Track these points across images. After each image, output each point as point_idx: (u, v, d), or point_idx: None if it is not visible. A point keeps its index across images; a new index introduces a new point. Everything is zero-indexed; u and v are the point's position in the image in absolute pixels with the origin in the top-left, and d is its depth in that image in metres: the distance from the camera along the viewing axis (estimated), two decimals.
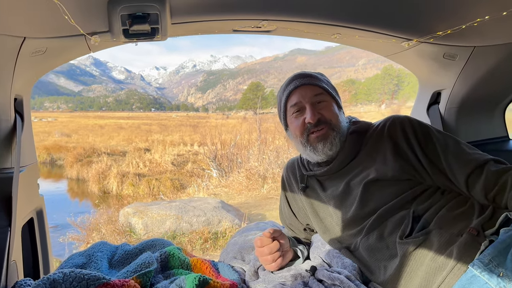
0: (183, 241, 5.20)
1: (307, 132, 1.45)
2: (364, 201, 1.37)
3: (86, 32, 1.28)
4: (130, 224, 5.47)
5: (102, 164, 16.49)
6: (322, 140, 1.43)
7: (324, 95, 1.48)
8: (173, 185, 14.10)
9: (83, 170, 17.31)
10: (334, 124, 1.44)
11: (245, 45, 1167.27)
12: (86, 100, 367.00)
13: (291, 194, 1.69)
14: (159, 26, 1.33)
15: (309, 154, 1.49)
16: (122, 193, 14.23)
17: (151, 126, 46.12)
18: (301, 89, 1.48)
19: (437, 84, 1.86)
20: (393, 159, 1.36)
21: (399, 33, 1.54)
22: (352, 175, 1.44)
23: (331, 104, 1.48)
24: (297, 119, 1.48)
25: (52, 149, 23.07)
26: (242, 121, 41.17)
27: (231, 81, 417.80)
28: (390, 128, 1.43)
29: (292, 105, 1.48)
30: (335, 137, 1.44)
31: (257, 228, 1.89)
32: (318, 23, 1.51)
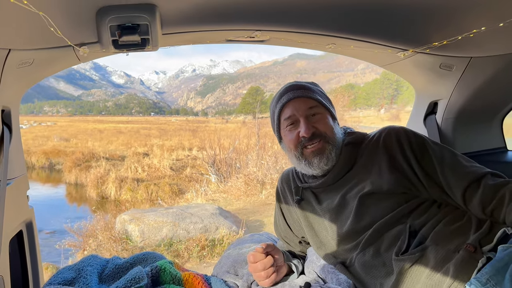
0: (180, 249, 5.15)
1: (302, 146, 1.42)
2: (359, 215, 1.34)
3: (74, 43, 1.26)
4: (127, 231, 5.42)
5: (101, 169, 16.46)
6: (318, 154, 1.40)
7: (318, 107, 1.45)
8: (172, 190, 14.07)
9: (82, 175, 17.28)
10: (329, 137, 1.42)
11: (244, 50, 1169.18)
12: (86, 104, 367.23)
13: (286, 206, 1.65)
14: (150, 37, 1.30)
15: (304, 168, 1.46)
16: (120, 198, 14.19)
17: (150, 131, 46.07)
18: (294, 101, 1.45)
19: (434, 94, 1.84)
20: (389, 172, 1.33)
21: (395, 43, 1.52)
22: (347, 188, 1.41)
23: (325, 117, 1.45)
24: (291, 132, 1.45)
25: (51, 153, 23.04)
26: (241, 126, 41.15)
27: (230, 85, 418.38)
28: (385, 139, 1.40)
29: (286, 118, 1.46)
30: (331, 151, 1.41)
31: (251, 240, 1.86)
32: (313, 34, 1.49)
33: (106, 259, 1.68)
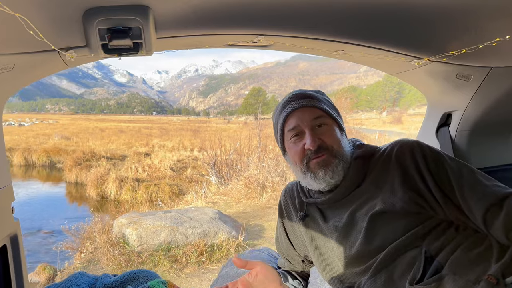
0: (178, 254, 5.04)
1: (307, 159, 1.31)
2: (370, 236, 1.22)
3: (59, 47, 1.15)
4: (124, 235, 5.31)
5: (101, 168, 16.38)
6: (323, 166, 1.28)
7: (325, 118, 1.34)
8: (172, 191, 13.98)
9: (82, 174, 17.22)
10: (336, 150, 1.30)
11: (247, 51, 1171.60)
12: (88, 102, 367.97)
13: (289, 223, 1.54)
14: (143, 41, 1.19)
15: (309, 182, 1.35)
16: (120, 198, 14.11)
17: (151, 130, 46.03)
18: (299, 111, 1.34)
19: (448, 105, 1.72)
20: (402, 189, 1.21)
21: (409, 51, 1.41)
22: (356, 205, 1.30)
23: (332, 128, 1.34)
24: (295, 145, 1.34)
25: (52, 152, 22.98)
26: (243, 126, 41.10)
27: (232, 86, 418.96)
28: (398, 153, 1.28)
29: (290, 129, 1.35)
30: (337, 165, 1.29)
31: (250, 256, 1.74)
32: (320, 39, 1.37)
33: (94, 277, 1.57)
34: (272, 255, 1.82)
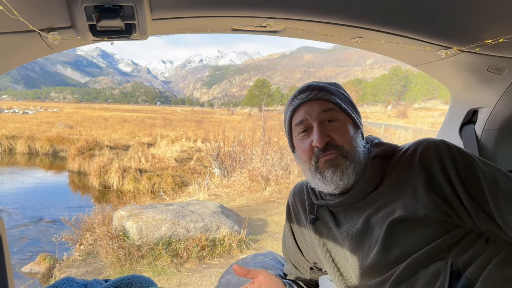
0: (179, 248, 4.93)
1: (316, 158, 1.16)
2: (388, 245, 1.07)
3: (40, 27, 1.00)
4: (124, 228, 5.20)
5: (104, 157, 16.31)
6: (331, 166, 1.14)
7: (336, 112, 1.18)
8: (175, 182, 13.89)
9: (85, 163, 17.15)
10: (346, 150, 1.15)
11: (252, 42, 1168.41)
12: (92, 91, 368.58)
13: (297, 226, 1.40)
14: (136, 22, 1.04)
15: (318, 184, 1.20)
16: (122, 188, 14.05)
17: (155, 120, 45.95)
18: (307, 104, 1.19)
19: (475, 101, 1.56)
20: (426, 194, 1.06)
21: (437, 39, 1.25)
22: (372, 210, 1.14)
23: (344, 125, 1.18)
24: (303, 142, 1.20)
25: (55, 140, 22.92)
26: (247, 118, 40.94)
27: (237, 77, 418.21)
28: (422, 154, 1.13)
29: (297, 123, 1.20)
30: (348, 166, 1.14)
31: (254, 262, 1.60)
32: (337, 24, 1.21)
33: (83, 282, 1.44)
34: (277, 260, 1.68)
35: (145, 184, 13.88)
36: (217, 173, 11.51)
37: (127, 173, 14.61)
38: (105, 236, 5.05)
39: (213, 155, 11.91)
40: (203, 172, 13.21)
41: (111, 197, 12.88)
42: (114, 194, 13.42)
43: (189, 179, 14.11)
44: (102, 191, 14.04)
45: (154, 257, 4.80)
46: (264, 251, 1.77)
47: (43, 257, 6.24)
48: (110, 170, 14.78)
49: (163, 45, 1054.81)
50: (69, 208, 11.21)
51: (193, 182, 11.43)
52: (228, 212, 5.98)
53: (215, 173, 11.65)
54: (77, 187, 15.44)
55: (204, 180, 10.65)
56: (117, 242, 4.91)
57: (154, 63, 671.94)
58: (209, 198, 8.71)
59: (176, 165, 16.33)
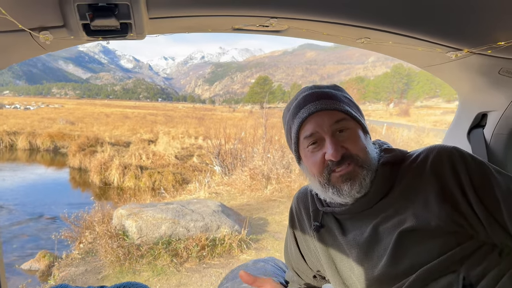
0: (179, 248, 4.89)
1: (328, 171, 1.11)
2: (397, 256, 1.02)
3: (30, 27, 0.95)
4: (124, 227, 5.16)
5: (105, 154, 16.29)
6: (348, 180, 1.08)
7: (347, 121, 1.12)
8: (175, 179, 13.87)
9: (86, 159, 17.14)
10: (362, 159, 1.09)
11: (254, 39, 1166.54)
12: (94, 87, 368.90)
13: (301, 233, 1.34)
14: (132, 21, 0.99)
15: (332, 197, 1.14)
16: (123, 185, 14.04)
17: (156, 117, 45.92)
18: (317, 116, 1.12)
19: (485, 104, 1.50)
20: (438, 204, 1.01)
21: (447, 41, 1.19)
22: (381, 218, 1.09)
23: (355, 133, 1.12)
24: (314, 155, 1.13)
25: (56, 136, 22.90)
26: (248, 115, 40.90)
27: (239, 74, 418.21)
28: (434, 162, 1.08)
29: (307, 136, 1.13)
30: (365, 176, 1.09)
31: (255, 268, 1.56)
32: (342, 24, 1.16)
33: None
34: (278, 266, 1.64)
35: (145, 181, 13.86)
36: (218, 171, 11.47)
37: (128, 170, 14.58)
38: (105, 235, 5.01)
39: (214, 153, 11.87)
40: (204, 169, 13.19)
41: (112, 194, 12.88)
42: (114, 191, 13.42)
43: (189, 176, 14.08)
44: (102, 188, 14.03)
45: (153, 257, 4.76)
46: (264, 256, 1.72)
47: (43, 254, 6.22)
48: (111, 167, 14.76)
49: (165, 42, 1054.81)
50: (70, 205, 11.20)
51: (194, 180, 11.40)
52: (228, 211, 5.94)
53: (216, 171, 11.60)
54: (78, 184, 15.44)
55: (205, 178, 10.61)
56: (116, 241, 4.88)
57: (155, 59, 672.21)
58: (209, 196, 8.68)
59: (177, 162, 16.29)
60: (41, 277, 5.67)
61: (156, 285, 4.30)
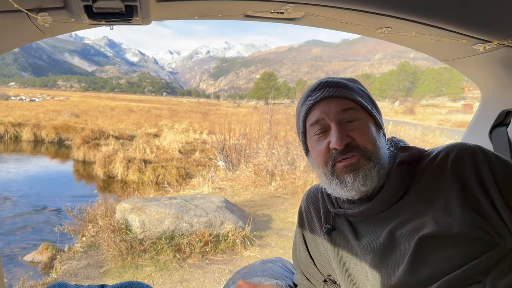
0: (182, 243, 4.83)
1: (333, 161, 1.03)
2: (416, 264, 0.94)
3: (27, 7, 0.87)
4: (127, 221, 5.11)
5: (109, 147, 16.30)
6: (352, 170, 1.01)
7: (357, 111, 1.05)
8: (179, 173, 13.84)
9: (90, 152, 17.15)
10: (370, 152, 1.02)
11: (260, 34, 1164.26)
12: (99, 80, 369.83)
13: (310, 235, 1.27)
14: (138, 4, 0.91)
15: (335, 190, 1.07)
16: (127, 178, 14.03)
17: (161, 111, 45.88)
18: (324, 102, 1.06)
19: (510, 101, 1.42)
20: (460, 208, 0.93)
21: (475, 32, 1.10)
22: (397, 222, 1.01)
23: (365, 124, 1.05)
24: (319, 143, 1.07)
25: (61, 128, 22.93)
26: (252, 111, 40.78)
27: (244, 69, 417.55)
28: (455, 161, 0.99)
29: (313, 123, 1.07)
30: (371, 169, 1.01)
31: (262, 271, 1.48)
32: (362, 11, 1.08)
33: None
34: (286, 267, 1.56)
35: (149, 175, 13.83)
36: (222, 166, 11.40)
37: (132, 164, 14.57)
38: (108, 229, 4.96)
39: (218, 148, 11.80)
40: (207, 164, 13.12)
41: (115, 187, 12.87)
42: (118, 184, 13.41)
43: (193, 171, 14.04)
44: (106, 181, 14.03)
45: (156, 252, 4.71)
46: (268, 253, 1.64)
47: (46, 246, 6.20)
48: (115, 160, 14.74)
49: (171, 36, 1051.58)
50: (73, 197, 11.19)
51: (198, 175, 11.35)
52: (232, 207, 5.88)
53: (220, 166, 11.54)
54: (82, 176, 15.45)
55: (208, 173, 10.55)
56: (119, 235, 4.83)
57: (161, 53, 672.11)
58: (213, 191, 8.62)
59: (181, 156, 16.25)
60: (43, 269, 5.64)
61: (158, 281, 4.25)
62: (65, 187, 13.21)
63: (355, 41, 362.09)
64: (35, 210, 10.03)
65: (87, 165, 16.64)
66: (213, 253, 4.85)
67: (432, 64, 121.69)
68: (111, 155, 15.27)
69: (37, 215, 9.65)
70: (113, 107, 47.57)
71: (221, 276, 4.38)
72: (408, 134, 12.84)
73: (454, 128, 22.86)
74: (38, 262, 5.96)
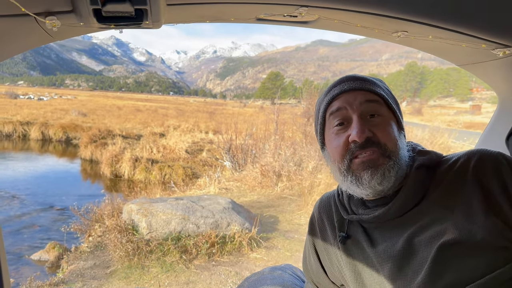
0: (188, 244, 4.81)
1: (350, 156, 0.99)
2: (437, 272, 0.90)
3: (35, 11, 0.85)
4: (133, 222, 5.10)
5: (116, 146, 16.37)
6: (369, 167, 0.97)
7: (380, 106, 1.02)
8: (185, 173, 13.86)
9: (97, 151, 17.25)
10: (390, 150, 0.97)
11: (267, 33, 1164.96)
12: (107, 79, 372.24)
13: (322, 244, 1.23)
14: (148, 7, 0.89)
15: (349, 187, 1.03)
16: (133, 178, 14.07)
17: (168, 110, 46.03)
18: (348, 93, 1.03)
19: None
20: (483, 215, 0.89)
21: (495, 36, 1.07)
22: (416, 228, 0.97)
23: (388, 121, 1.01)
24: (338, 136, 1.03)
25: (68, 127, 23.09)
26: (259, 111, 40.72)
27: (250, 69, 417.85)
28: (477, 168, 0.95)
29: (334, 111, 1.04)
30: (390, 168, 0.96)
31: (272, 278, 1.45)
32: (378, 15, 1.04)
33: None
34: (296, 275, 1.53)
35: (156, 175, 13.87)
36: (228, 166, 11.39)
37: (139, 163, 14.62)
38: (114, 229, 4.96)
39: (224, 148, 11.79)
40: (214, 164, 13.13)
41: (122, 187, 12.91)
42: (125, 183, 13.45)
43: (200, 171, 14.06)
44: (113, 180, 14.08)
45: (162, 253, 4.70)
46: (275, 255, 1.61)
47: (53, 245, 6.22)
48: (122, 160, 14.81)
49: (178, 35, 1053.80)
50: (80, 196, 11.25)
51: (204, 175, 11.35)
52: (239, 208, 5.85)
53: (226, 166, 11.53)
54: (89, 175, 15.54)
55: (215, 173, 10.55)
56: (126, 236, 4.82)
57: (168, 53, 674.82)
58: (219, 192, 8.60)
59: (187, 156, 16.28)
60: (50, 269, 5.66)
61: (165, 282, 4.24)
62: (72, 186, 13.28)
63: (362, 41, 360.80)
64: (42, 209, 10.09)
65: (94, 164, 16.72)
66: (219, 255, 4.83)
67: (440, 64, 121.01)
68: (118, 154, 15.34)
69: (44, 214, 9.71)
70: (121, 106, 47.82)
71: (227, 278, 4.35)
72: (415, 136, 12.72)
73: (462, 130, 22.61)
74: (45, 261, 5.98)
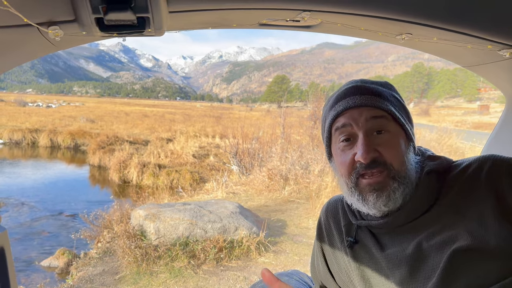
0: (196, 249, 4.81)
1: (357, 174, 0.98)
2: (449, 279, 0.88)
3: (37, 21, 0.85)
4: (142, 227, 5.11)
5: (124, 152, 16.44)
6: (375, 190, 0.96)
7: (387, 121, 0.99)
8: (193, 178, 13.88)
9: (105, 157, 17.35)
10: (395, 170, 0.96)
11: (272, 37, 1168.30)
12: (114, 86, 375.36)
13: (330, 248, 1.21)
14: (150, 15, 0.89)
15: (356, 204, 1.02)
16: (141, 183, 14.13)
17: (175, 116, 46.24)
18: (354, 110, 1.01)
19: None
20: (497, 221, 0.87)
21: (501, 37, 1.05)
22: (427, 234, 0.95)
23: (395, 138, 0.99)
24: (344, 153, 1.01)
25: (77, 134, 23.28)
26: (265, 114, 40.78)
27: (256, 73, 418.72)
28: (490, 173, 0.93)
29: (339, 127, 1.02)
30: (395, 190, 0.95)
31: None
32: (382, 18, 1.03)
33: None
34: (303, 281, 1.52)
35: (163, 180, 13.91)
36: (236, 170, 11.38)
37: (146, 168, 14.67)
38: (123, 235, 4.97)
39: (231, 152, 11.79)
40: (221, 168, 13.14)
41: (130, 192, 12.96)
42: (133, 189, 13.50)
43: (207, 175, 14.07)
44: (121, 186, 14.15)
45: (171, 258, 4.70)
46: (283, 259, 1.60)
47: (62, 251, 6.25)
48: (130, 165, 14.88)
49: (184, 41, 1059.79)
50: (89, 202, 11.33)
51: (211, 179, 11.35)
52: (246, 212, 5.84)
53: (234, 170, 11.52)
54: (97, 181, 15.62)
55: (222, 177, 10.54)
56: (134, 242, 4.83)
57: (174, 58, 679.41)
58: (227, 196, 8.60)
59: (195, 161, 16.31)
60: (60, 275, 5.69)
61: (173, 287, 4.24)
62: (81, 192, 13.36)
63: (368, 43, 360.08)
64: (51, 215, 10.16)
65: (102, 170, 16.83)
66: (227, 260, 4.81)
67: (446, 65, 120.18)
68: (126, 160, 15.41)
69: (54, 220, 9.77)
70: (128, 112, 48.15)
71: (235, 283, 4.34)
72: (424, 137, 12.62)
73: (471, 130, 22.39)
74: (54, 267, 6.01)
